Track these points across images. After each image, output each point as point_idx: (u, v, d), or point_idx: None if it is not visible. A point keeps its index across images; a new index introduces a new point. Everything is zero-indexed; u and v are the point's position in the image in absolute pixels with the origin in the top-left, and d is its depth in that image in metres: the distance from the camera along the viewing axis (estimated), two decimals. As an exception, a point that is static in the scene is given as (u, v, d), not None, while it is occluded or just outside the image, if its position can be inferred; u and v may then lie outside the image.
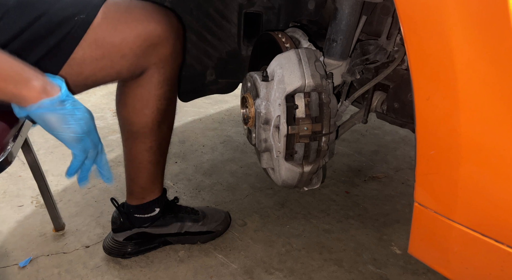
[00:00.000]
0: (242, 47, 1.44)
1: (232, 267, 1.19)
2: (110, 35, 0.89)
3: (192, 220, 1.25)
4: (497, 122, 0.59)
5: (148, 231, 1.21)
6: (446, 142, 0.65)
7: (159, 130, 1.07)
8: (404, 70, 1.01)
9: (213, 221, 1.28)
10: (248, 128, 1.06)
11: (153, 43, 0.92)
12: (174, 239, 1.24)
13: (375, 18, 1.08)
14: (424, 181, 0.71)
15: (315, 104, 0.96)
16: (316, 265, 1.20)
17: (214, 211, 1.33)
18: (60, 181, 1.59)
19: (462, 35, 0.58)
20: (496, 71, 0.57)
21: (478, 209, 0.65)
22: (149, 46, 0.93)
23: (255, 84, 0.98)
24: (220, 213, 1.33)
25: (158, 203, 1.20)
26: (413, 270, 1.18)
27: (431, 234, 0.74)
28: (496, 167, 0.61)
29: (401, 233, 1.33)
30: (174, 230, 1.23)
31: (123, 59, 0.92)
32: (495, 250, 0.64)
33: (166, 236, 1.23)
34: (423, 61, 0.65)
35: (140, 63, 0.95)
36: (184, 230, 1.24)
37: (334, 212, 1.44)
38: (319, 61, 0.96)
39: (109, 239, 1.22)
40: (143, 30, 0.91)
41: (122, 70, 0.94)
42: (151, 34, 0.92)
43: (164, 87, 1.02)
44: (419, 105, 0.67)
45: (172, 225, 1.22)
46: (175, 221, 1.23)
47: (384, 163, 1.78)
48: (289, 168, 1.00)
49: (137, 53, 0.92)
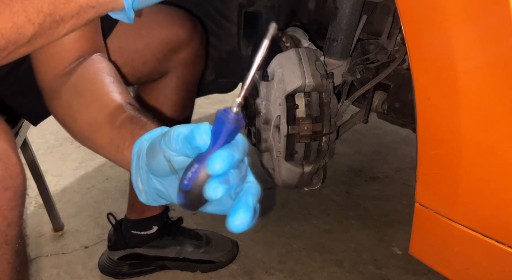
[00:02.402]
0: (242, 47, 1.43)
1: (232, 267, 1.18)
2: (134, 42, 0.88)
3: (193, 245, 1.16)
4: (498, 122, 0.58)
5: (142, 252, 1.14)
6: (447, 142, 0.65)
7: None
8: (405, 69, 1.00)
9: (217, 250, 1.18)
10: (248, 128, 1.05)
11: (175, 47, 0.90)
12: (172, 264, 1.16)
13: (375, 18, 1.07)
14: (425, 181, 0.71)
15: (315, 104, 0.96)
16: (316, 265, 1.19)
17: (220, 238, 1.23)
18: (59, 181, 1.58)
19: (463, 34, 0.58)
20: (497, 71, 0.56)
21: (479, 209, 0.65)
22: (171, 50, 0.91)
23: (255, 83, 0.97)
24: (227, 242, 1.22)
25: (157, 221, 1.13)
26: (414, 270, 1.17)
27: (432, 235, 0.74)
28: (497, 168, 0.60)
29: (402, 233, 1.33)
30: (171, 254, 1.15)
31: (145, 65, 0.91)
32: (496, 251, 0.64)
33: (163, 260, 1.15)
34: (424, 60, 0.65)
35: (160, 68, 0.94)
36: (183, 256, 1.15)
37: (335, 213, 1.43)
38: (320, 61, 0.96)
39: (105, 256, 1.17)
40: (166, 35, 0.90)
41: (142, 76, 0.93)
42: (174, 38, 0.91)
43: (181, 93, 0.99)
44: (420, 105, 0.67)
45: (170, 248, 1.14)
46: (174, 244, 1.15)
47: (384, 163, 1.77)
48: (289, 168, 0.99)
49: (159, 58, 0.91)
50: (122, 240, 1.14)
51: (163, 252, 1.14)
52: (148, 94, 0.99)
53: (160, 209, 1.14)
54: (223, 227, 1.37)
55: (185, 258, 1.15)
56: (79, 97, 0.62)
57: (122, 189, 1.52)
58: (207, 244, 1.18)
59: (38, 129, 1.65)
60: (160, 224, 1.14)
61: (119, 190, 1.53)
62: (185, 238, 1.16)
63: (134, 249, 1.14)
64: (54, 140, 1.92)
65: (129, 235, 1.14)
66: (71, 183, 1.58)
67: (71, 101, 0.63)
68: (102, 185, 1.57)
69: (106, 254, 1.17)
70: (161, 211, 1.14)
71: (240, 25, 1.39)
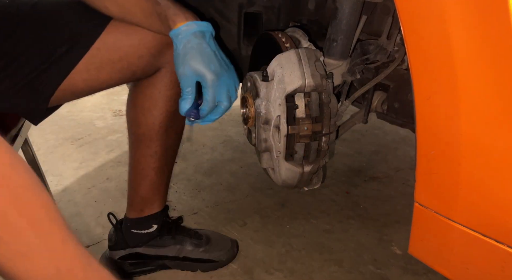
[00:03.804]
0: (242, 47, 1.43)
1: (232, 267, 1.18)
2: (128, 37, 0.89)
3: (193, 244, 1.16)
4: (497, 121, 0.58)
5: (142, 251, 1.14)
6: (446, 142, 0.65)
7: (166, 134, 1.04)
8: (404, 70, 1.01)
9: (217, 249, 1.18)
10: (248, 128, 1.05)
11: (169, 41, 0.91)
12: (172, 263, 1.16)
13: (375, 18, 1.07)
14: (425, 181, 0.71)
15: (315, 104, 0.96)
16: (316, 265, 1.20)
17: (220, 238, 1.23)
18: (60, 181, 1.59)
19: (462, 34, 0.58)
20: (497, 71, 0.56)
21: (478, 209, 0.65)
22: (165, 45, 0.92)
23: (255, 84, 0.97)
24: (226, 242, 1.22)
25: (157, 219, 1.13)
26: (414, 270, 1.18)
27: (432, 235, 0.74)
28: (496, 167, 0.61)
29: (402, 233, 1.33)
30: (171, 253, 1.15)
31: (140, 60, 0.92)
32: (495, 251, 0.64)
33: (164, 259, 1.15)
34: (423, 60, 0.65)
35: (155, 63, 0.95)
36: (183, 254, 1.15)
37: (334, 212, 1.43)
38: (319, 61, 0.96)
39: (105, 256, 1.17)
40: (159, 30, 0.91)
41: (138, 70, 0.94)
42: None
43: (176, 88, 0.98)
44: (420, 105, 0.67)
45: (169, 247, 1.14)
46: (173, 243, 1.15)
47: (384, 163, 1.78)
48: (289, 168, 1.00)
49: (153, 53, 0.92)
50: (122, 240, 1.14)
51: (163, 251, 1.14)
52: (143, 90, 1.00)
53: (159, 208, 1.14)
54: (223, 227, 1.38)
55: (185, 257, 1.15)
56: None
57: (123, 188, 1.52)
58: (207, 243, 1.18)
59: (38, 129, 1.65)
60: (159, 222, 1.14)
61: (119, 190, 1.53)
62: (184, 237, 1.16)
63: (134, 249, 1.14)
64: (54, 140, 1.93)
65: (129, 234, 1.14)
66: (71, 183, 1.58)
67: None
68: (103, 185, 1.57)
69: (106, 254, 1.17)
70: (161, 210, 1.14)
71: (240, 25, 1.39)
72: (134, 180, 1.11)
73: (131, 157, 1.10)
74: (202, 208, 1.45)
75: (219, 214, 1.39)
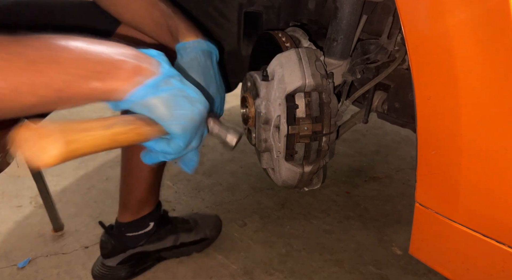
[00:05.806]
0: (242, 47, 1.43)
1: (232, 267, 1.18)
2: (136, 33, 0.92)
3: (185, 230, 1.21)
4: (498, 122, 0.58)
5: (144, 249, 1.15)
6: (447, 142, 0.65)
7: None
8: (405, 69, 1.00)
9: (204, 227, 1.24)
10: (248, 128, 1.05)
11: None
12: (168, 253, 1.19)
13: (375, 18, 1.07)
14: (425, 181, 0.71)
15: (315, 104, 0.96)
16: (316, 265, 1.19)
17: (203, 216, 1.30)
18: (59, 181, 1.58)
19: (463, 34, 0.58)
20: (497, 71, 0.56)
21: (479, 209, 0.65)
22: None
23: (255, 83, 0.97)
24: (210, 218, 1.29)
25: (153, 217, 1.15)
26: (414, 270, 1.17)
27: (432, 235, 0.74)
28: (497, 168, 0.60)
29: (402, 233, 1.33)
30: (169, 244, 1.18)
31: None
32: (496, 251, 0.64)
33: (161, 251, 1.18)
34: (424, 60, 0.65)
35: None
36: (180, 241, 1.19)
37: (335, 213, 1.43)
38: (320, 61, 0.96)
39: (98, 265, 1.14)
40: None
41: None
42: None
43: None
44: (420, 105, 0.67)
45: (167, 239, 1.17)
46: (170, 234, 1.18)
47: (384, 163, 1.77)
48: (289, 168, 0.99)
49: None
50: (119, 243, 1.13)
51: (162, 243, 1.18)
52: None
53: (154, 205, 1.16)
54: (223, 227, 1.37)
55: (182, 243, 1.20)
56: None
57: (122, 189, 1.52)
58: (196, 225, 1.24)
59: (38, 129, 1.64)
60: (156, 219, 1.16)
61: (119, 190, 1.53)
62: (177, 226, 1.21)
63: (135, 249, 1.15)
64: (54, 140, 1.92)
65: (125, 237, 1.13)
66: (71, 183, 1.57)
67: None
68: (102, 185, 1.57)
69: (99, 263, 1.15)
70: (155, 207, 1.16)
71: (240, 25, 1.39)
72: (131, 184, 1.11)
73: (126, 162, 1.10)
74: (202, 208, 1.45)
75: (219, 214, 1.39)
